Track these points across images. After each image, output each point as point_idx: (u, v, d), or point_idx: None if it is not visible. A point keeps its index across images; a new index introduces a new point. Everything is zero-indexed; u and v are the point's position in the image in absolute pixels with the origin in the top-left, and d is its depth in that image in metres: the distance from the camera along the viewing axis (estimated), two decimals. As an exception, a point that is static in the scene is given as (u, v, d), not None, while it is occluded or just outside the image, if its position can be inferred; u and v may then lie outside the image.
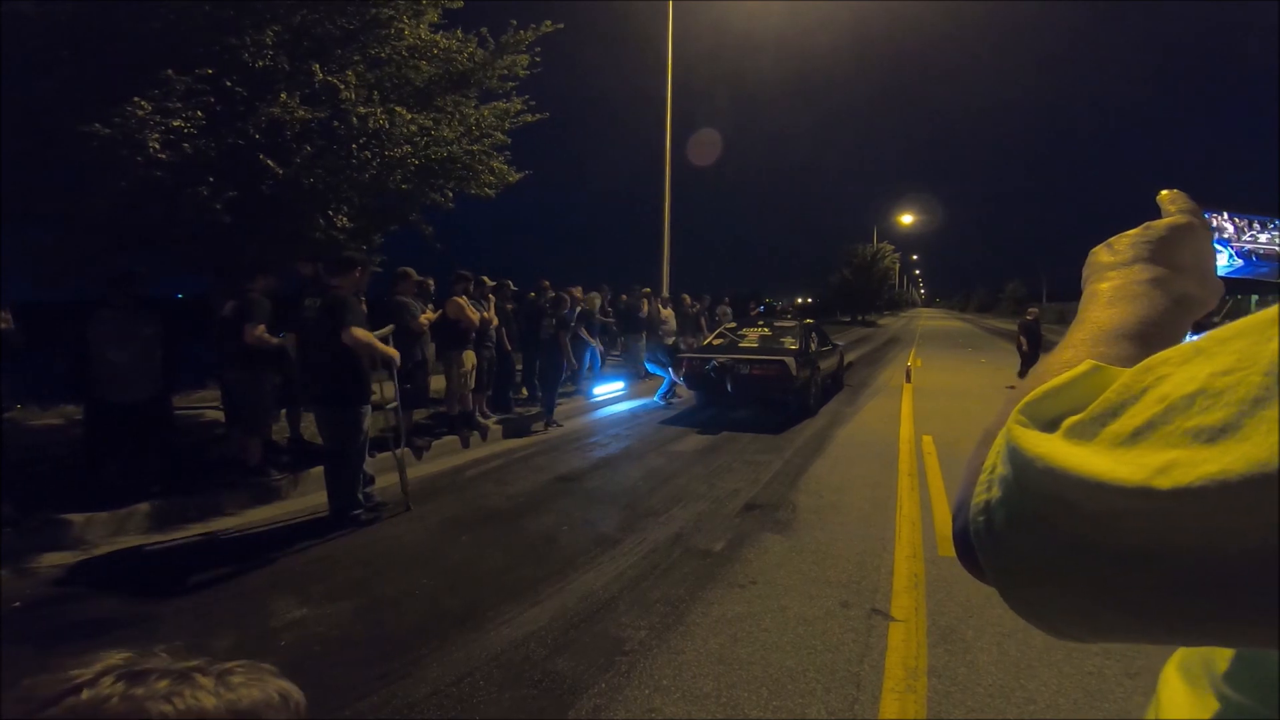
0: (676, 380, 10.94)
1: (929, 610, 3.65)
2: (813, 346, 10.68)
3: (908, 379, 14.55)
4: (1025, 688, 2.91)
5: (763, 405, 9.90)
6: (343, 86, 6.18)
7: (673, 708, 2.77)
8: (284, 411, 6.63)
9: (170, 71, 5.23)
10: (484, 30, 7.97)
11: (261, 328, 5.47)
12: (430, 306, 7.49)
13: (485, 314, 8.05)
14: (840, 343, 15.02)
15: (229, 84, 5.74)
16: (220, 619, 3.59)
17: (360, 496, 5.10)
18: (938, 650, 3.22)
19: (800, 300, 47.98)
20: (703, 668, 3.06)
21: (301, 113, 5.96)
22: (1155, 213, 0.64)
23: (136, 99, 5.01)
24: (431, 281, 7.84)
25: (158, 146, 5.13)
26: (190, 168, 5.49)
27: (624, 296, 14.81)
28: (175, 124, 5.23)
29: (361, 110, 6.33)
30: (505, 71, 8.17)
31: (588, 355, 10.95)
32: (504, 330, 8.92)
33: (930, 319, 74.10)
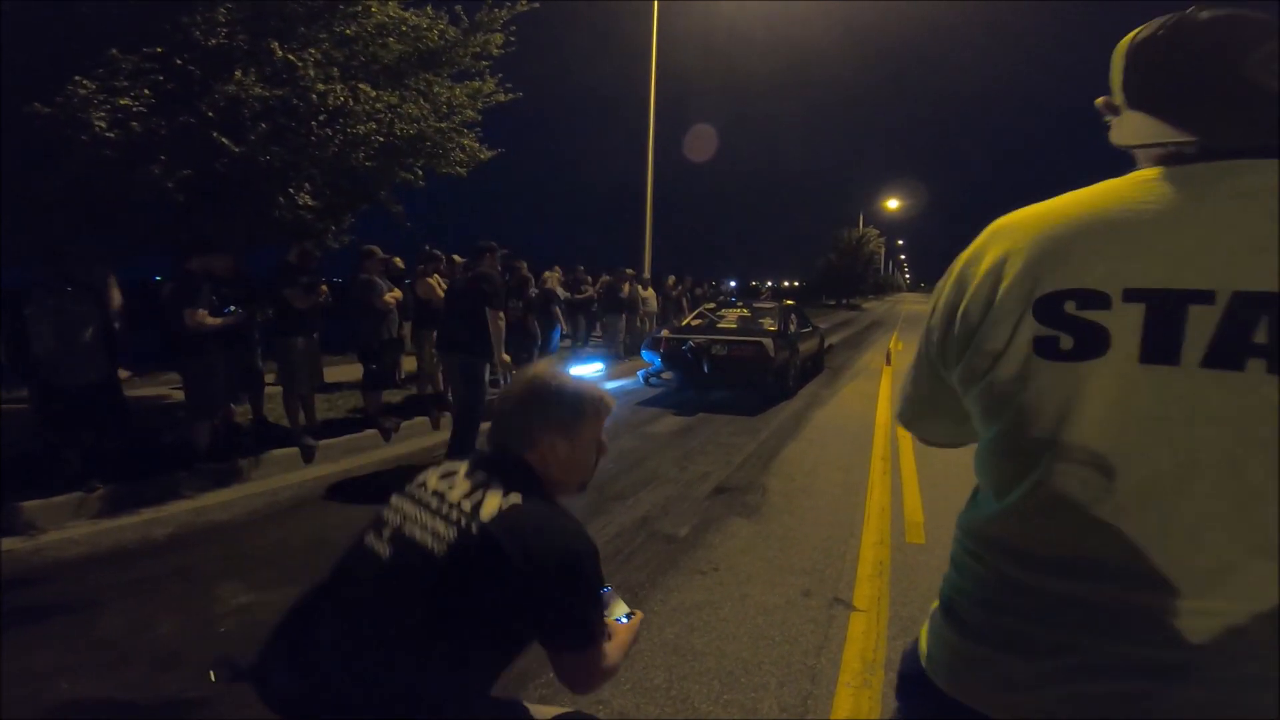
0: None
1: (892, 600, 3.59)
2: (792, 328, 10.60)
3: (888, 362, 14.56)
4: (981, 678, 2.86)
5: (740, 387, 9.81)
6: (299, 64, 5.98)
7: (621, 700, 2.69)
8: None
9: (115, 51, 5.03)
10: (457, 8, 7.78)
11: (201, 312, 5.23)
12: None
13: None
14: (821, 325, 14.99)
15: (180, 62, 5.53)
16: (164, 604, 3.49)
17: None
18: (898, 642, 3.14)
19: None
20: (655, 658, 2.99)
21: (259, 90, 5.75)
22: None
23: (78, 78, 4.82)
24: (399, 260, 7.69)
25: (104, 125, 4.93)
26: (140, 147, 5.30)
27: (605, 277, 14.70)
28: (122, 103, 5.03)
29: (320, 87, 6.13)
30: (478, 50, 7.98)
31: (555, 335, 10.86)
32: None
33: (914, 303, 74.19)
